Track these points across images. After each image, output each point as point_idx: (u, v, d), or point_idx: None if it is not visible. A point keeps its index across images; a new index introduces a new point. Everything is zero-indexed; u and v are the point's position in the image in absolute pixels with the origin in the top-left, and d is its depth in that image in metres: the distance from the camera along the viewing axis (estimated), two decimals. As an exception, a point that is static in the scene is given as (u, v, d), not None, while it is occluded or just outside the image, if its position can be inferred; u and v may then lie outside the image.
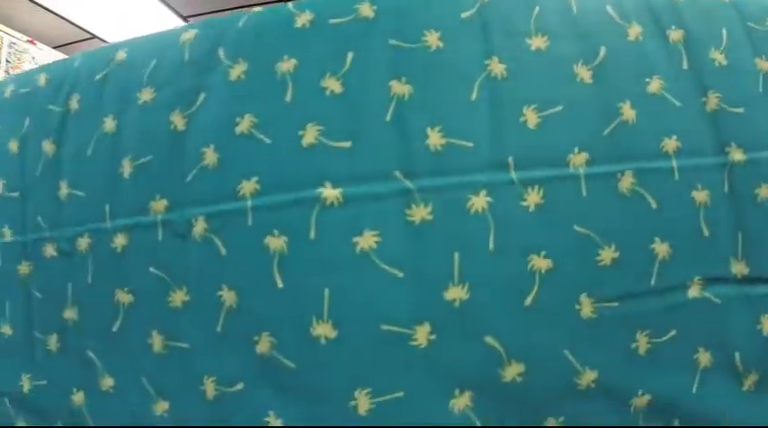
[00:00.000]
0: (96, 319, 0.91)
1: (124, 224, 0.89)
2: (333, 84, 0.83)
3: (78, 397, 0.92)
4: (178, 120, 0.88)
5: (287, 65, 0.85)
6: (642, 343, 0.78)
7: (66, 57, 2.68)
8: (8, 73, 2.19)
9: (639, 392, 0.77)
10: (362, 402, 0.74)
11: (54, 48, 2.60)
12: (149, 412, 0.86)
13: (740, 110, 0.87)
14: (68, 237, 0.94)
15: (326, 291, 0.76)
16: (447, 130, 0.80)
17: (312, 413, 0.76)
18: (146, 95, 0.92)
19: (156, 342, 0.85)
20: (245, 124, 0.84)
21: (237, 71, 0.87)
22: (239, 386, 0.80)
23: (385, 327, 0.75)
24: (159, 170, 0.88)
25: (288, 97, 0.83)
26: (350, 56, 0.84)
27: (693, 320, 0.80)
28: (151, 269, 0.86)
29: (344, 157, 0.80)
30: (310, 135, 0.81)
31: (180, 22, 3.19)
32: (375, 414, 0.73)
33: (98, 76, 0.98)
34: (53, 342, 0.95)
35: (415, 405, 0.74)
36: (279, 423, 0.77)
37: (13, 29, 2.29)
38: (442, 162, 0.79)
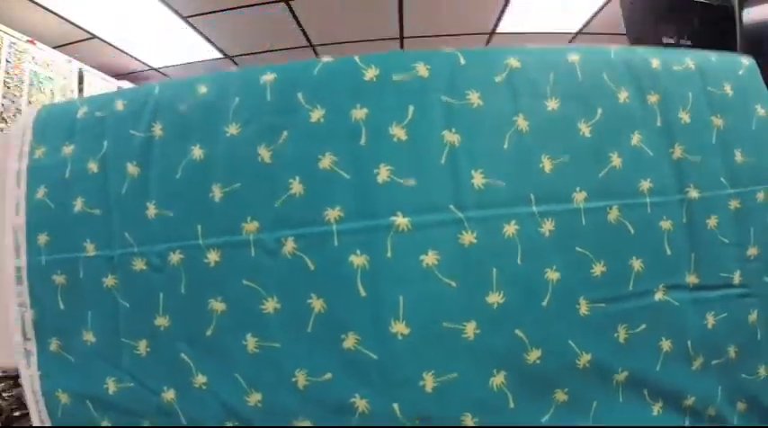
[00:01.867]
0: (189, 325, 1.05)
1: (216, 242, 1.05)
2: (399, 132, 1.03)
3: (169, 395, 1.05)
4: (264, 153, 1.05)
5: (359, 113, 1.04)
6: (622, 333, 1.05)
7: (67, 57, 2.60)
8: (8, 73, 2.15)
9: (620, 369, 1.05)
10: (429, 382, 0.97)
11: (54, 48, 2.54)
12: (243, 403, 1.01)
13: (698, 158, 1.14)
14: (159, 252, 1.07)
15: (401, 298, 0.98)
16: (486, 172, 1.03)
17: (390, 392, 0.97)
18: (232, 129, 1.07)
19: (251, 343, 1.02)
20: (326, 161, 1.03)
21: (317, 115, 1.05)
22: (328, 375, 0.99)
23: (445, 324, 0.98)
24: (249, 196, 1.04)
25: (362, 141, 1.03)
26: (411, 108, 1.04)
27: (658, 317, 1.08)
28: (244, 281, 1.03)
29: (411, 192, 1.01)
30: (384, 173, 1.01)
31: (180, 22, 3.15)
32: (438, 391, 0.97)
33: (181, 107, 1.11)
34: (143, 346, 1.07)
35: (466, 383, 0.98)
36: (364, 402, 0.98)
37: (13, 29, 2.23)
38: (483, 197, 1.02)
